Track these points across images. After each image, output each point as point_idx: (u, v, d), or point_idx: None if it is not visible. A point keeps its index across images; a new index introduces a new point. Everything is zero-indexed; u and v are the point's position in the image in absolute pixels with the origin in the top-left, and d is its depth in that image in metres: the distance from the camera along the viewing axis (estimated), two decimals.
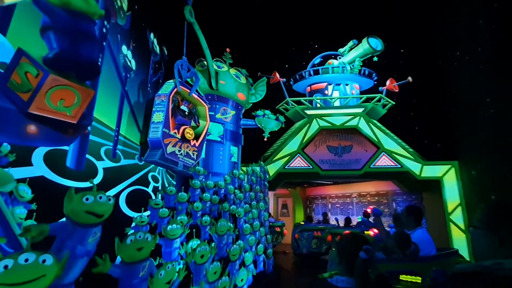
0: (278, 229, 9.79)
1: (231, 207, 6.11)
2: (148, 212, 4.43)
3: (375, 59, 11.11)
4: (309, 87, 11.70)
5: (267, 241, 7.36)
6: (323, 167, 9.37)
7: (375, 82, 11.34)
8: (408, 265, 2.90)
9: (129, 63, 5.65)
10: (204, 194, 5.38)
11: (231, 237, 5.19)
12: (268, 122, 9.15)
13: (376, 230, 5.80)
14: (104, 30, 4.48)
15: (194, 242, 4.27)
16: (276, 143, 10.75)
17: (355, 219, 12.60)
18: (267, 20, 11.80)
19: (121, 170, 5.43)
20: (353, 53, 11.35)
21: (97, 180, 4.46)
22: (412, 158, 8.99)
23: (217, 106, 8.62)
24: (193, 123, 6.79)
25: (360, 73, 11.08)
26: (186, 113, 6.52)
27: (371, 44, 10.95)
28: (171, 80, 6.29)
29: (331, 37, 12.04)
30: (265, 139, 9.03)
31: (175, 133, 5.70)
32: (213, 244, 4.37)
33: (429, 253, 3.04)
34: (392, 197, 11.40)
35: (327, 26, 11.96)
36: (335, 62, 11.63)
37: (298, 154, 9.56)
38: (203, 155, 8.17)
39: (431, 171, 8.87)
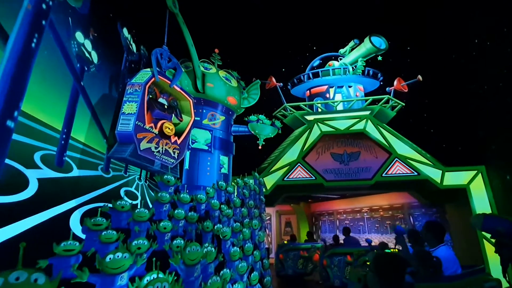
0: None
1: (215, 226, 4.95)
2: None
3: (380, 58, 10.18)
4: (308, 91, 10.74)
5: (263, 267, 6.07)
6: (327, 177, 8.18)
7: (381, 83, 10.36)
8: (446, 285, 2.73)
9: (87, 55, 4.75)
10: (176, 211, 4.23)
11: (211, 266, 3.99)
12: (263, 128, 8.11)
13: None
14: (44, 5, 3.61)
15: (154, 276, 3.11)
16: (274, 153, 9.65)
17: (366, 237, 11.18)
18: (262, 22, 11.08)
19: (74, 182, 4.36)
20: (355, 53, 10.48)
21: (29, 193, 3.40)
22: (431, 164, 7.76)
23: (204, 110, 7.65)
24: (174, 119, 5.88)
25: (363, 74, 10.12)
26: (166, 106, 5.64)
27: (374, 43, 10.08)
28: (148, 69, 5.47)
29: (330, 38, 11.24)
30: (260, 147, 7.95)
31: (151, 127, 4.92)
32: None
33: (455, 271, 2.87)
34: (409, 210, 10.03)
35: (325, 26, 11.19)
36: (335, 63, 10.73)
37: (299, 164, 8.42)
38: (186, 165, 7.10)
39: (454, 178, 7.60)
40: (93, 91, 5.00)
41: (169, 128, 5.36)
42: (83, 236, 3.88)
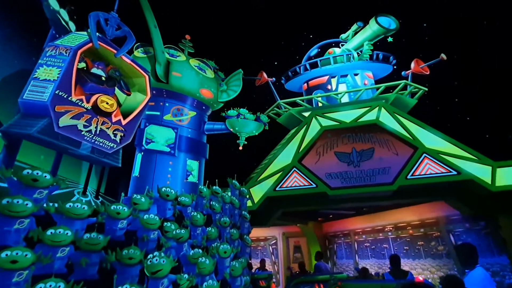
0: None
1: (150, 255, 3.14)
2: None
3: (390, 39, 8.43)
4: (305, 84, 9.04)
5: None
6: (332, 184, 6.21)
7: (394, 67, 8.51)
8: None
9: None
10: (49, 231, 2.47)
11: None
12: (245, 124, 6.42)
13: (421, 278, 5.68)
14: None
15: None
16: (266, 159, 7.81)
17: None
18: (249, 11, 9.72)
19: None
20: (359, 37, 8.83)
21: None
22: (476, 158, 5.65)
23: (167, 104, 6.12)
24: (119, 94, 4.74)
25: (372, 59, 8.37)
26: (103, 78, 4.51)
27: (382, 24, 8.41)
28: (84, 32, 4.48)
29: (328, 24, 9.67)
30: (240, 148, 6.19)
31: (80, 101, 4.01)
32: None
33: None
34: (447, 227, 7.64)
35: (322, 11, 9.66)
36: (337, 50, 9.08)
37: (294, 169, 6.52)
38: (136, 172, 5.43)
39: (511, 176, 5.42)
40: None
41: (107, 103, 4.25)
42: None
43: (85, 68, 4.42)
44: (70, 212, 2.74)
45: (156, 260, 3.06)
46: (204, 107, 6.57)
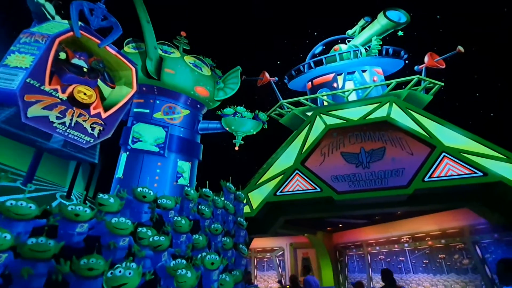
0: None
1: (121, 266, 2.66)
2: None
3: (400, 33, 7.87)
4: (309, 83, 8.52)
5: None
6: (338, 188, 5.57)
7: (406, 62, 7.89)
8: None
9: None
10: None
11: None
12: (242, 122, 5.94)
13: None
14: None
15: None
16: (267, 162, 7.25)
17: (410, 279, 7.93)
18: (251, 7, 9.39)
19: None
20: (367, 32, 8.32)
21: None
22: (505, 157, 4.92)
23: (158, 101, 5.74)
24: (103, 87, 4.51)
25: (381, 54, 7.80)
26: (84, 69, 4.22)
27: (391, 18, 7.89)
28: (65, 20, 4.27)
29: (333, 20, 9.20)
30: (236, 148, 5.69)
31: (54, 90, 3.75)
32: None
33: None
34: (472, 237, 6.79)
35: (327, 6, 9.21)
36: (343, 47, 8.56)
37: (297, 171, 5.94)
38: (119, 173, 5.00)
39: None
40: None
41: (84, 94, 3.98)
42: None
43: (63, 58, 4.17)
44: (11, 212, 2.30)
45: (120, 271, 2.55)
46: (198, 106, 6.16)
